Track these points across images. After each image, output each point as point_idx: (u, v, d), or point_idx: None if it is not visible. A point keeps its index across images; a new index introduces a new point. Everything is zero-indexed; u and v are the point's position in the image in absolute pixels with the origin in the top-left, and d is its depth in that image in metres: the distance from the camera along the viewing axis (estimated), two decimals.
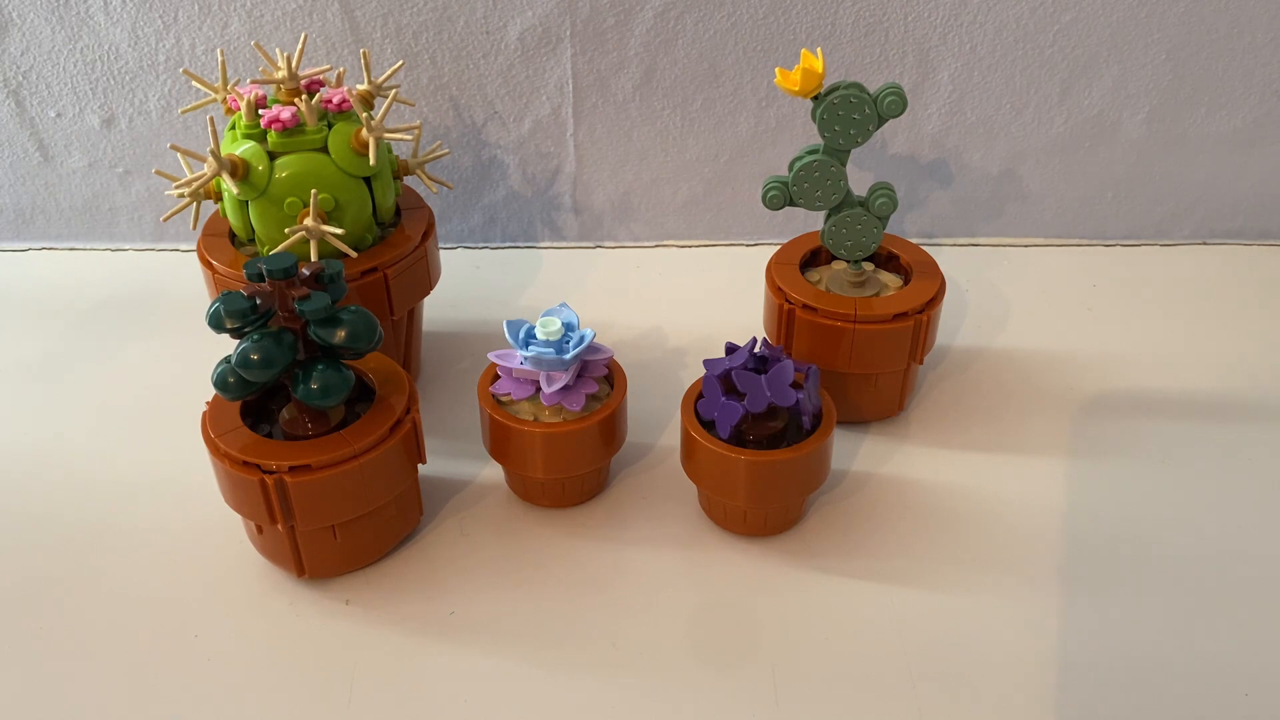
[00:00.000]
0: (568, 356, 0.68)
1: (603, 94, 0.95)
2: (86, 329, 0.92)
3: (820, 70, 0.70)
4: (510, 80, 0.94)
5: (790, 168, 0.75)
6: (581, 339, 0.69)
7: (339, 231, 0.70)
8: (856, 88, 0.71)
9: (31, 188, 1.00)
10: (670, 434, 0.80)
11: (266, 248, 0.73)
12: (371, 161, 0.70)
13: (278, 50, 0.75)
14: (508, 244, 1.04)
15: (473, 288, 0.98)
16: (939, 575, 0.69)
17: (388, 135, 0.73)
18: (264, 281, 0.61)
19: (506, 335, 0.69)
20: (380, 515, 0.67)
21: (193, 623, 0.66)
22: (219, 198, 0.74)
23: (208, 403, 0.66)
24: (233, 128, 0.74)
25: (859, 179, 0.97)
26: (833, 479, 0.76)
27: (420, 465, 0.69)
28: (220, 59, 0.76)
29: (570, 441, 0.69)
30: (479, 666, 0.63)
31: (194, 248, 0.95)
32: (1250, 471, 0.77)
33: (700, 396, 0.70)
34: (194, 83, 0.76)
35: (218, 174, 0.69)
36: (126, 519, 0.73)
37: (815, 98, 0.71)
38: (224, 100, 0.75)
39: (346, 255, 0.72)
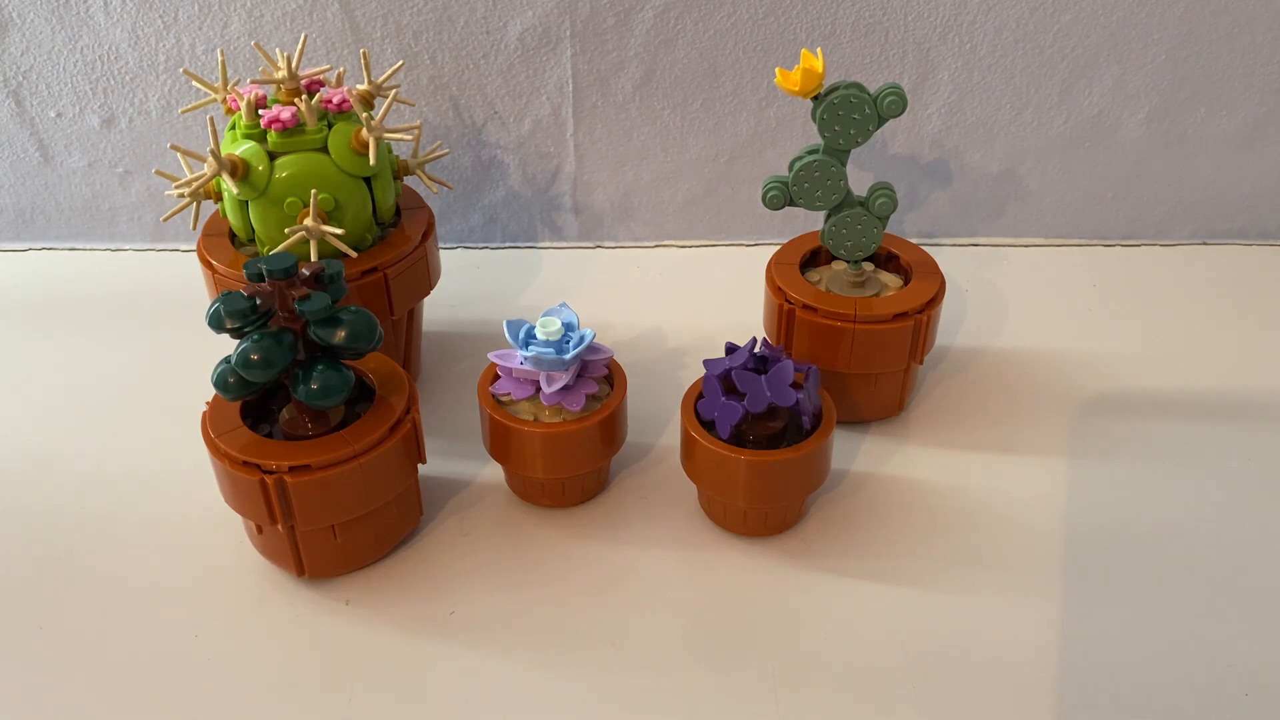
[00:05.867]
0: (568, 356, 0.68)
1: (603, 94, 0.95)
2: (86, 329, 0.92)
3: (820, 70, 0.70)
4: (510, 80, 0.94)
5: (790, 168, 0.75)
6: (581, 339, 0.69)
7: (339, 231, 0.70)
8: (856, 88, 0.71)
9: (31, 188, 1.00)
10: (670, 434, 0.80)
11: (266, 248, 0.73)
12: (371, 161, 0.70)
13: (278, 50, 0.74)
14: (508, 244, 1.04)
15: (473, 288, 0.98)
16: (939, 575, 0.69)
17: (388, 135, 0.73)
18: (264, 281, 0.61)
19: (506, 335, 0.69)
20: (380, 515, 0.67)
21: (193, 623, 0.66)
22: (219, 198, 0.74)
23: (208, 403, 0.66)
24: (233, 128, 0.74)
25: (859, 179, 0.97)
26: (833, 479, 0.76)
27: (420, 465, 0.69)
28: (220, 59, 0.76)
29: (570, 441, 0.69)
30: (479, 666, 0.63)
31: (194, 248, 0.95)
32: (1250, 471, 0.77)
33: (700, 396, 0.70)
34: (194, 83, 0.76)
35: (218, 174, 0.69)
36: (126, 519, 0.73)
37: (815, 98, 0.71)
38: (224, 100, 0.75)
39: (346, 255, 0.72)
